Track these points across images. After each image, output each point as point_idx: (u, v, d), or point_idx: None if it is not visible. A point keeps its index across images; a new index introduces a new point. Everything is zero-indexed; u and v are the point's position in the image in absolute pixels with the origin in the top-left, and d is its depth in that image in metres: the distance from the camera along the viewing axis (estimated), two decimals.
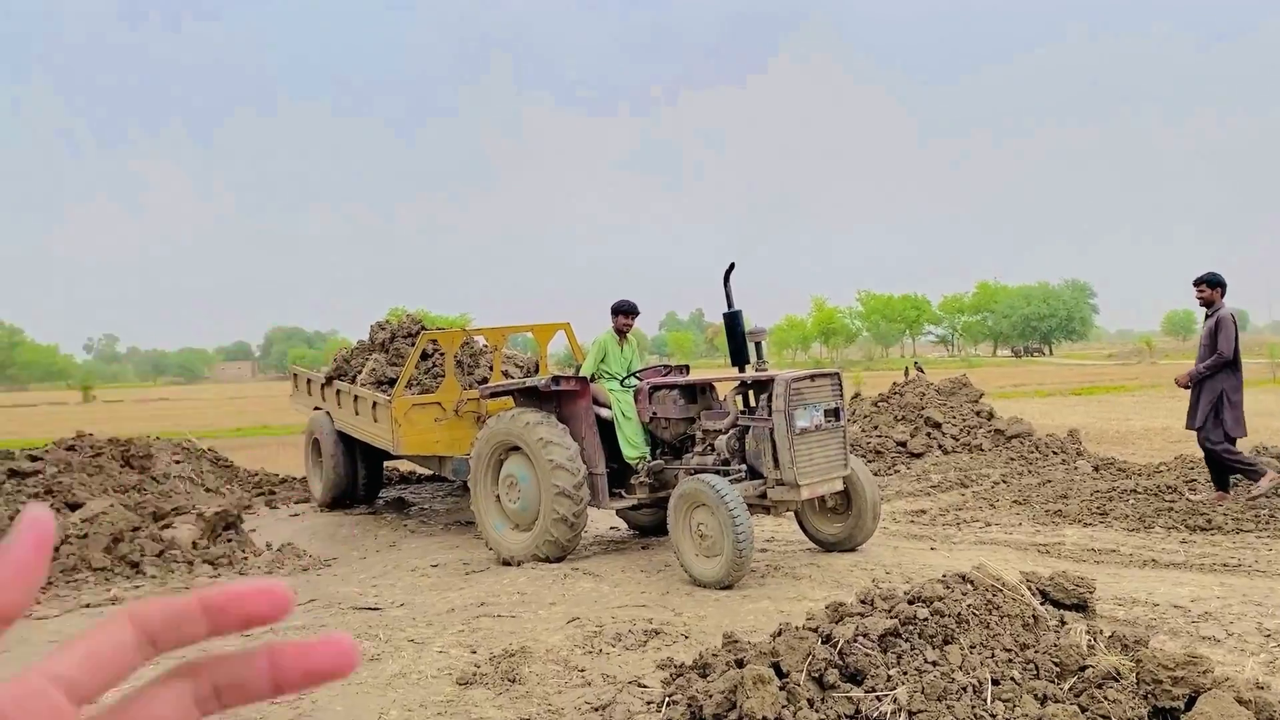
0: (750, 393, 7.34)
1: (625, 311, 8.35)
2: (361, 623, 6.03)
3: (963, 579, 3.91)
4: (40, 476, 8.64)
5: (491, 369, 10.51)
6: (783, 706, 3.31)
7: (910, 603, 3.69)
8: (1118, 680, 3.35)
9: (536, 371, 10.93)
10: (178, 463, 12.23)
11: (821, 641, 3.56)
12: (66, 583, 7.30)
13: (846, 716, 3.29)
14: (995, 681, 3.36)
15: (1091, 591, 4.32)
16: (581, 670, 4.89)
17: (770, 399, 6.86)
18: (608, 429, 7.88)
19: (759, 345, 7.48)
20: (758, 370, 7.33)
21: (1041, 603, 4.07)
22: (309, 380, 11.93)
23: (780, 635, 3.66)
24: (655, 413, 7.75)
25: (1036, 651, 3.56)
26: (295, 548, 8.85)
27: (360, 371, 10.79)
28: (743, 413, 7.29)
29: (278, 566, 8.13)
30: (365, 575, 7.72)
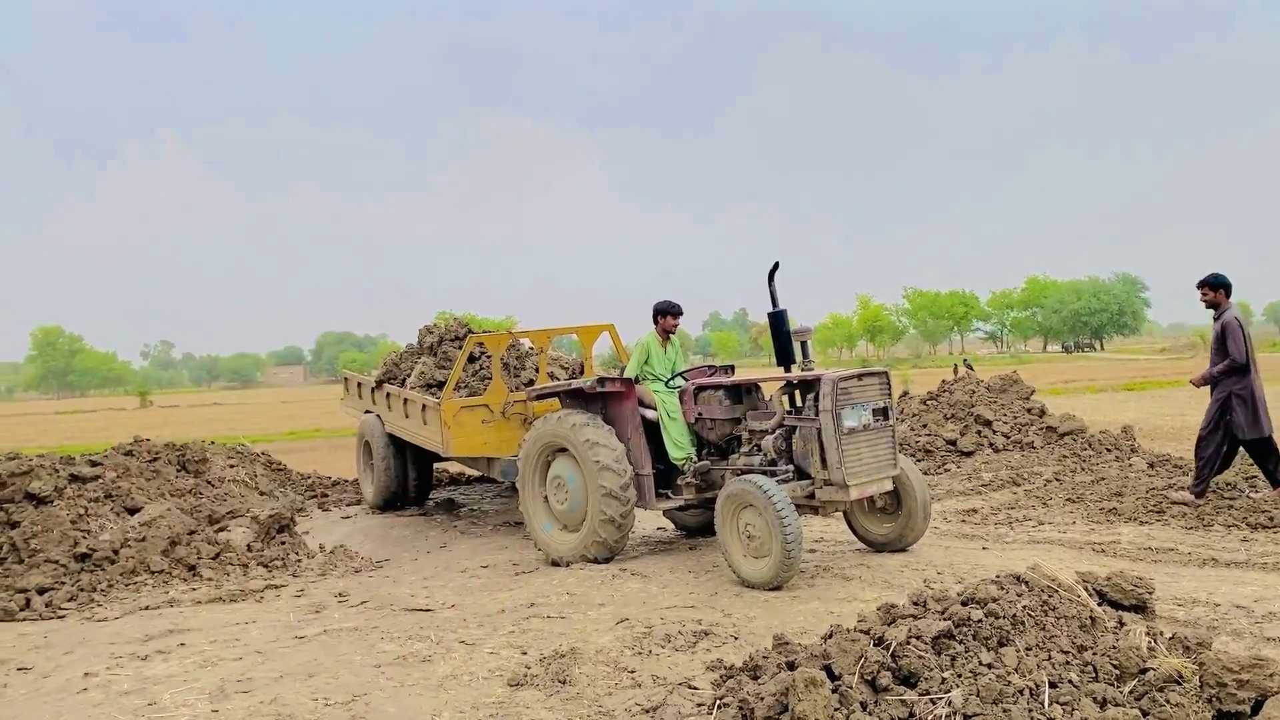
0: (796, 392, 7.29)
1: (669, 312, 8.34)
2: (413, 624, 6.08)
3: (1017, 579, 3.85)
4: (100, 481, 8.82)
5: (538, 371, 10.56)
6: (835, 709, 3.28)
7: (964, 604, 3.64)
8: (1180, 683, 3.28)
9: (582, 373, 10.97)
10: (232, 466, 12.44)
11: (874, 644, 3.52)
12: (126, 585, 7.45)
13: None
14: (1053, 684, 3.31)
15: (1151, 592, 4.24)
16: (631, 671, 4.89)
17: (817, 399, 6.82)
18: (653, 430, 7.89)
19: (804, 344, 7.43)
20: (804, 370, 7.29)
21: (1099, 603, 4.00)
22: (360, 384, 12.08)
23: (832, 637, 3.63)
24: (701, 413, 7.73)
25: (1095, 654, 3.49)
26: (347, 549, 8.96)
27: (409, 375, 10.90)
28: (789, 413, 7.25)
29: (330, 568, 8.23)
30: (416, 576, 7.79)
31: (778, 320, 7.44)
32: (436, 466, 12.09)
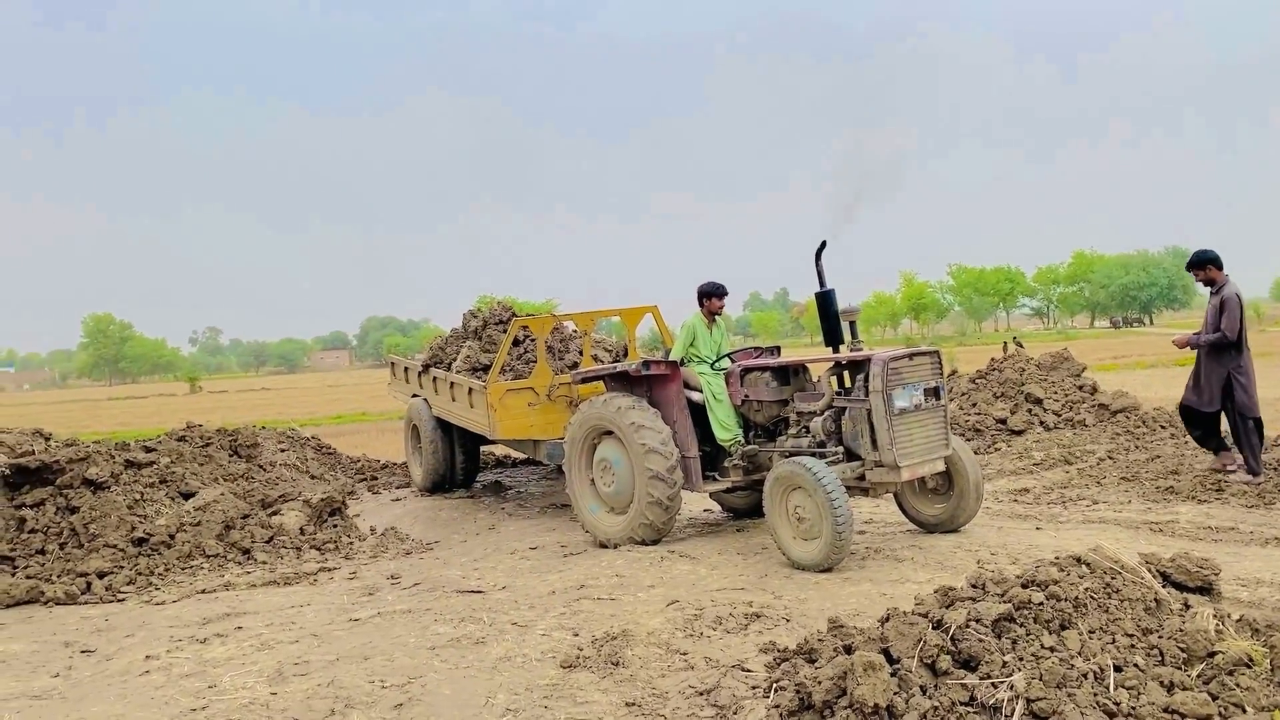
0: (845, 373, 7.22)
1: (714, 294, 8.27)
2: (466, 606, 6.12)
3: (1078, 561, 3.78)
4: (155, 466, 8.97)
5: (581, 353, 10.57)
6: (894, 694, 3.25)
7: (1024, 586, 3.59)
8: (1250, 666, 3.20)
9: (625, 355, 10.95)
10: (283, 451, 12.60)
11: (932, 627, 3.48)
12: (182, 569, 7.58)
13: (961, 704, 3.21)
14: (1118, 668, 3.24)
15: (1217, 573, 4.14)
16: (684, 654, 4.89)
17: (867, 379, 6.74)
18: (699, 412, 7.85)
19: (853, 324, 7.35)
20: (853, 350, 7.21)
21: (1163, 585, 3.91)
22: (406, 368, 12.17)
23: (889, 620, 3.59)
24: (747, 395, 7.68)
25: (1160, 637, 3.42)
26: (398, 532, 9.04)
27: (455, 359, 10.96)
28: (838, 394, 7.18)
29: (382, 551, 8.31)
30: (466, 558, 7.84)
31: (825, 300, 7.36)
32: (483, 449, 12.16)
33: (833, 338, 7.40)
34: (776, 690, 3.74)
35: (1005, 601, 3.52)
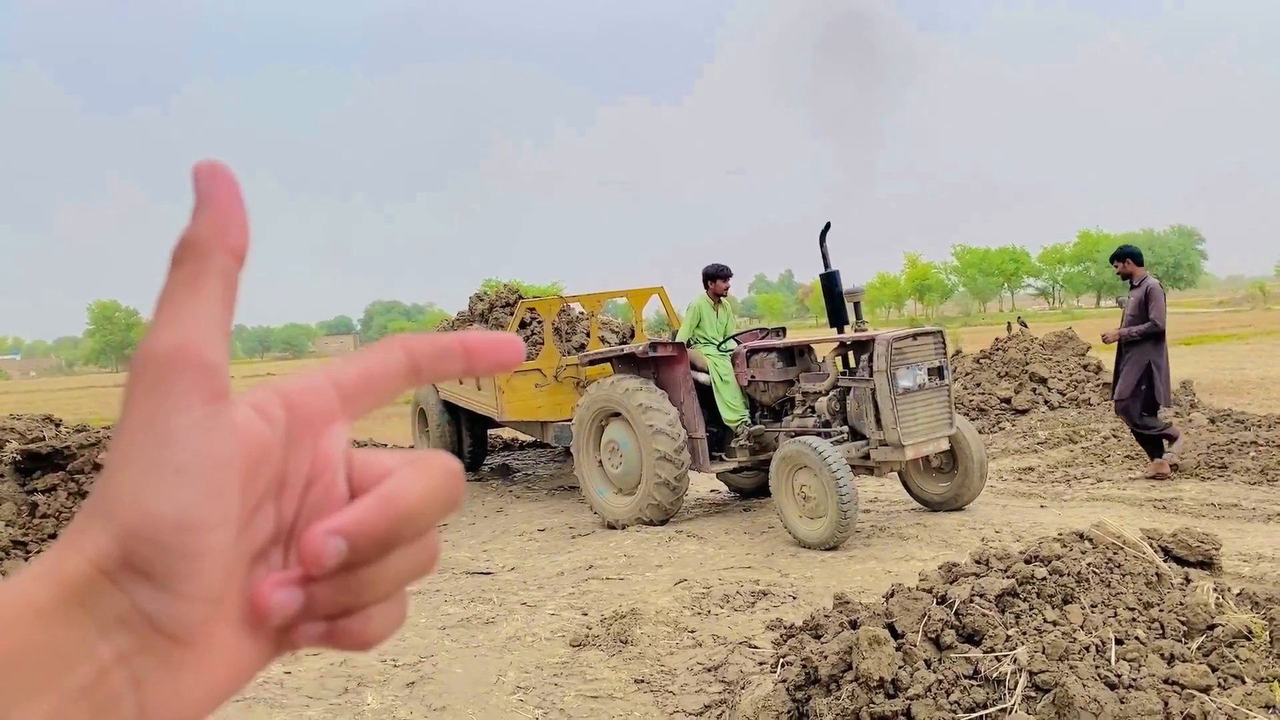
0: (850, 354, 7.26)
1: (719, 275, 8.31)
2: (475, 587, 6.20)
3: (1081, 537, 3.83)
4: None
5: (588, 335, 10.61)
6: (899, 667, 3.30)
7: (1027, 562, 3.63)
8: (1249, 639, 3.25)
9: (632, 337, 11.00)
10: None
11: (937, 602, 3.53)
12: None
13: (965, 677, 3.26)
14: (1119, 641, 3.29)
15: (1218, 548, 4.19)
16: (692, 631, 4.95)
17: (871, 359, 6.79)
18: (706, 393, 7.90)
19: (857, 305, 7.39)
20: (857, 330, 7.25)
21: (1164, 560, 3.96)
22: None
23: (894, 596, 3.64)
24: (753, 376, 7.73)
25: (1161, 610, 3.47)
26: None
27: None
28: (843, 374, 7.22)
29: None
30: (475, 540, 7.92)
31: (830, 281, 7.40)
32: (490, 432, 12.23)
33: (837, 318, 7.44)
34: (783, 665, 3.80)
35: (1008, 577, 3.57)
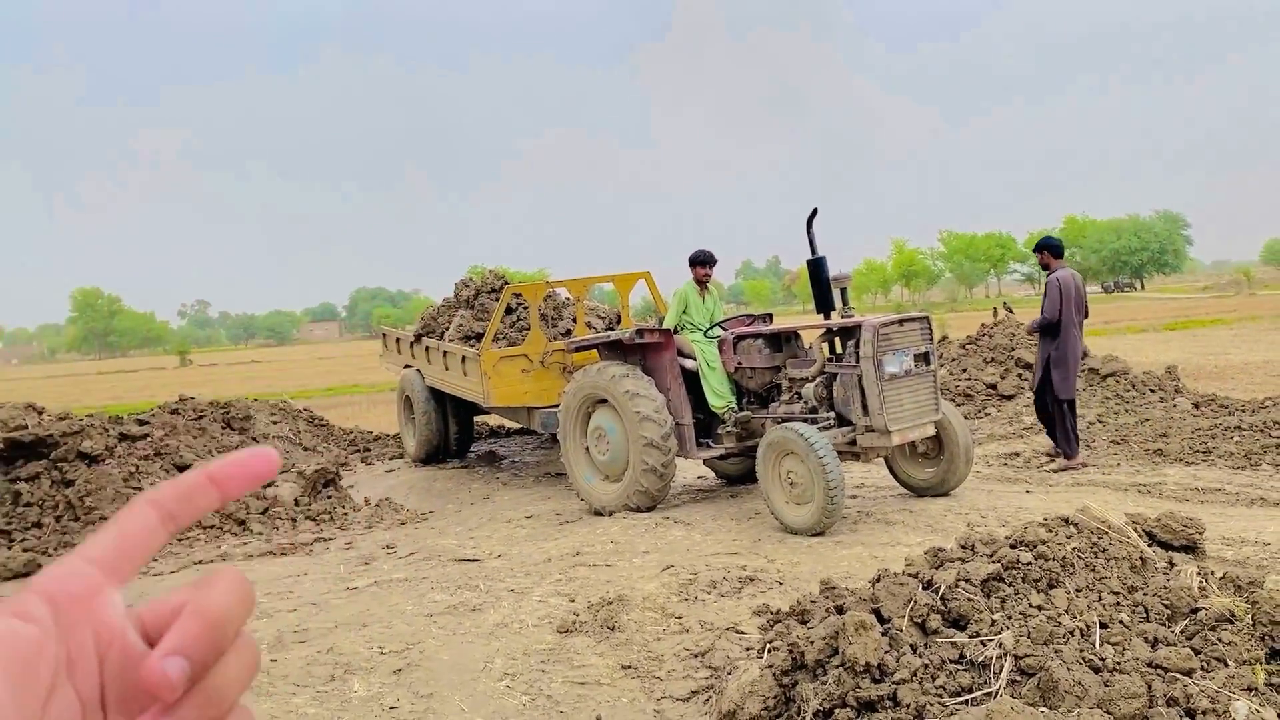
0: (836, 339, 7.26)
1: (703, 262, 8.29)
2: (461, 574, 6.19)
3: (1066, 522, 3.84)
4: (149, 439, 9.00)
5: (575, 320, 10.58)
6: (885, 652, 3.31)
7: (1013, 547, 3.64)
8: (1232, 622, 3.27)
9: (619, 322, 10.97)
10: (275, 423, 12.63)
11: (923, 587, 3.54)
12: (179, 540, 7.62)
13: (951, 661, 3.27)
14: (1104, 625, 3.31)
15: (1201, 532, 4.21)
16: (679, 617, 4.96)
17: (858, 345, 6.79)
18: (693, 380, 7.90)
19: (844, 291, 7.39)
20: (844, 316, 7.25)
21: (1149, 544, 3.98)
22: (399, 339, 12.17)
23: (880, 581, 3.65)
24: (740, 362, 7.73)
25: (1145, 594, 3.49)
26: (392, 502, 9.10)
27: (447, 328, 10.97)
28: (830, 360, 7.22)
29: (377, 521, 8.37)
30: (462, 528, 7.91)
31: (817, 267, 7.39)
32: (476, 420, 12.20)
33: (824, 304, 7.43)
34: (770, 651, 3.80)
35: (994, 562, 3.58)
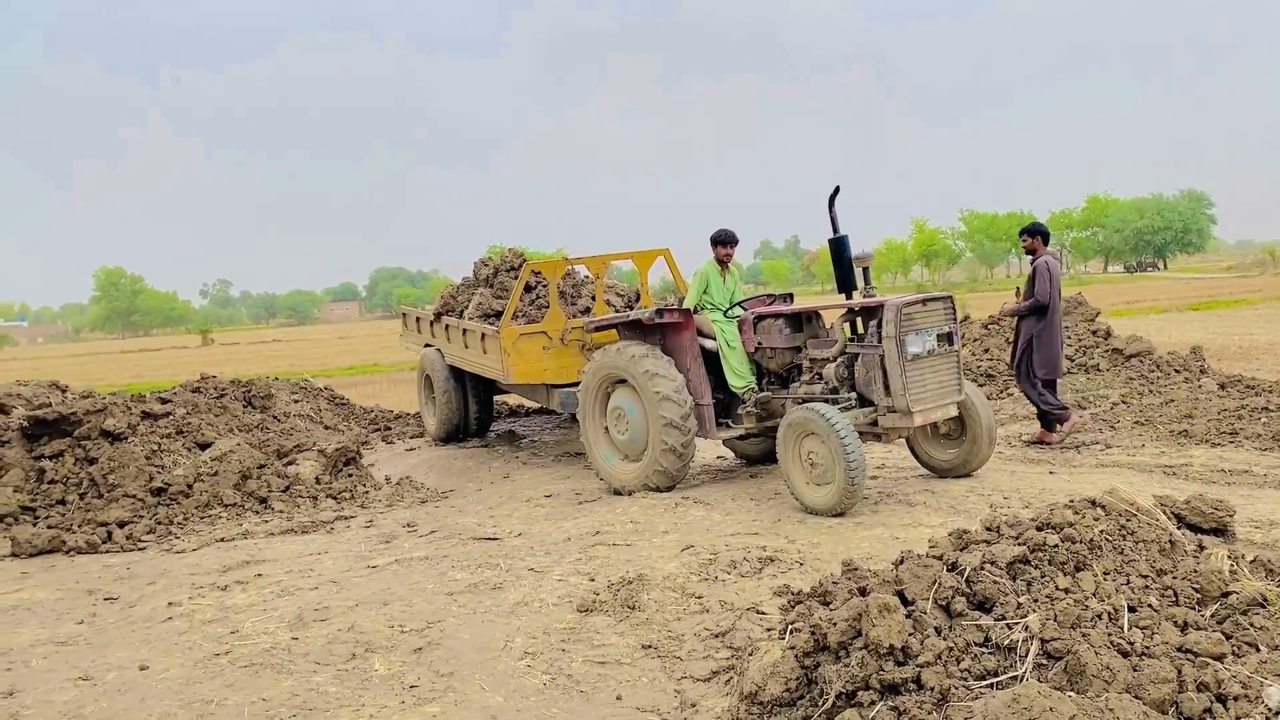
0: (858, 320, 7.19)
1: (725, 241, 8.22)
2: (482, 552, 6.19)
3: (1093, 504, 3.78)
4: (171, 418, 9.04)
5: (594, 298, 10.55)
6: (909, 635, 3.27)
7: (1039, 529, 3.59)
8: (1264, 606, 3.21)
9: (638, 300, 10.93)
10: (296, 402, 12.68)
11: (947, 569, 3.49)
12: (201, 518, 7.67)
13: (976, 644, 3.23)
14: (1132, 609, 3.26)
15: (1232, 515, 4.13)
16: (699, 597, 4.94)
17: (880, 325, 6.72)
18: (713, 360, 7.85)
19: (866, 271, 7.31)
20: (866, 296, 7.18)
21: (1178, 527, 3.92)
22: (419, 318, 12.17)
23: (903, 563, 3.61)
24: (760, 342, 7.67)
25: (1175, 577, 3.43)
26: (413, 481, 9.12)
27: (467, 307, 10.96)
28: (851, 340, 7.16)
29: (398, 499, 8.39)
30: (482, 506, 7.91)
31: (839, 246, 7.32)
32: (496, 399, 12.20)
33: (846, 284, 7.37)
34: (791, 632, 3.77)
35: (1020, 544, 3.53)
